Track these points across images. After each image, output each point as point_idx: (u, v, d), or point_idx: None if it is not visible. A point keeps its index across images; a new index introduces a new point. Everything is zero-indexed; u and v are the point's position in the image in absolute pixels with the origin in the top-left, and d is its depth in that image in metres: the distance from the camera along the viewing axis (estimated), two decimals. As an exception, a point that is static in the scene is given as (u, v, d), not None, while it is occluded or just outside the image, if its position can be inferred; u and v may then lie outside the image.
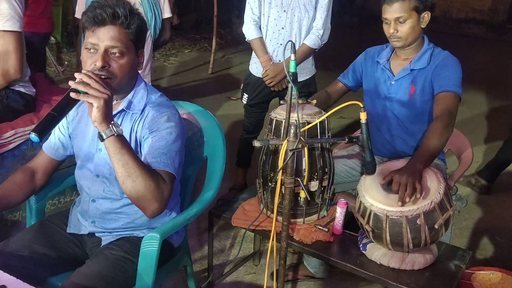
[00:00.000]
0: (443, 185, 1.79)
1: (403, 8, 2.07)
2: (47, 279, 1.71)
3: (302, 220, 2.04)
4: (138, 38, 1.63)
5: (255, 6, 2.90)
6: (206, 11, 9.35)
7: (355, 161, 2.39)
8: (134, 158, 1.50)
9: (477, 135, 4.73)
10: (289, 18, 2.83)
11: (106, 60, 1.54)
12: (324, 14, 2.84)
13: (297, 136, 1.60)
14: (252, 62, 3.08)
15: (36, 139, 1.37)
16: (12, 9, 2.21)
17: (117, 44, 1.55)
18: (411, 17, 2.09)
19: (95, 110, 1.43)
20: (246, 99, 3.13)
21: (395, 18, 2.09)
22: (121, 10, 1.55)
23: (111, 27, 1.55)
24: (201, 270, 2.57)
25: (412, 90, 2.20)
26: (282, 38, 2.87)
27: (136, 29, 1.60)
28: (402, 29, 2.11)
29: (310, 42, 2.86)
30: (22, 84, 2.40)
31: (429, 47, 2.20)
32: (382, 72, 2.29)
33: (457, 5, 11.28)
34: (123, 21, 1.56)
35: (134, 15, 1.60)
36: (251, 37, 2.93)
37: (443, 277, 1.81)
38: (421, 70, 2.17)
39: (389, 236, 1.77)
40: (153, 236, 1.65)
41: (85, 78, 1.43)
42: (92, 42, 1.55)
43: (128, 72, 1.61)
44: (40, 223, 1.83)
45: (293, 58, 1.66)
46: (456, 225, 3.05)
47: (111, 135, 1.46)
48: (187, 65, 7.17)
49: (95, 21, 1.54)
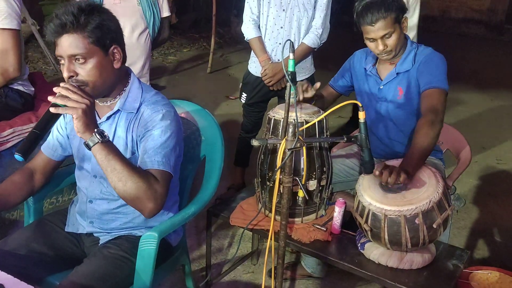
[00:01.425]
0: (441, 185, 1.79)
1: (387, 25, 2.05)
2: (45, 278, 1.71)
3: (300, 220, 2.04)
4: (101, 37, 1.55)
5: (254, 6, 2.90)
6: (205, 10, 9.35)
7: (353, 160, 2.40)
8: (122, 162, 1.50)
9: (475, 135, 4.74)
10: (288, 18, 2.83)
11: (71, 69, 1.53)
12: (323, 13, 2.84)
13: (295, 135, 1.60)
14: (251, 61, 3.08)
15: (20, 159, 1.39)
16: (10, 7, 2.20)
17: (76, 51, 1.51)
18: (395, 29, 2.08)
19: (75, 121, 1.44)
20: (245, 99, 3.12)
21: (381, 36, 2.08)
22: (65, 17, 1.50)
23: (65, 36, 1.52)
24: (199, 269, 2.57)
25: (401, 92, 2.19)
26: (281, 37, 2.87)
27: (93, 29, 1.53)
28: (390, 42, 2.10)
29: (309, 41, 2.86)
30: (21, 83, 2.40)
31: (412, 47, 2.19)
32: (370, 78, 2.29)
33: (455, 5, 11.31)
34: (71, 27, 1.50)
35: (84, 16, 1.51)
36: (250, 37, 2.93)
37: (441, 276, 1.81)
38: (407, 71, 2.17)
39: (387, 235, 1.77)
40: (151, 235, 1.65)
41: (63, 91, 1.44)
42: (58, 55, 1.55)
43: (99, 76, 1.56)
44: (38, 222, 1.83)
45: (291, 57, 1.66)
46: (454, 225, 3.05)
47: (97, 142, 1.47)
48: (185, 64, 7.17)
49: (51, 34, 1.53)
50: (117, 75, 1.65)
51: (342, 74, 2.45)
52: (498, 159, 4.28)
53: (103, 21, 1.56)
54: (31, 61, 6.35)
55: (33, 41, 6.59)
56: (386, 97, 2.24)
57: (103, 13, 1.58)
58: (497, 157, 4.33)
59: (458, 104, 5.60)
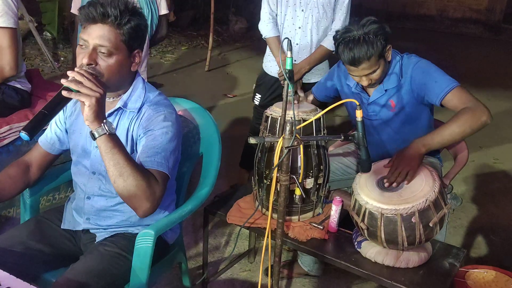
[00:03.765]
0: (438, 184, 1.79)
1: (371, 65, 1.97)
2: (41, 275, 1.71)
3: (297, 218, 2.05)
4: (132, 39, 1.59)
5: (273, 3, 2.78)
6: (203, 8, 9.34)
7: (350, 159, 2.40)
8: (126, 157, 1.49)
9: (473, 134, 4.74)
10: (307, 18, 2.73)
11: (93, 57, 1.53)
12: (343, 16, 2.72)
13: (292, 134, 1.60)
14: (266, 61, 2.98)
15: (26, 138, 1.36)
16: (6, 5, 2.19)
17: (105, 43, 1.53)
18: (379, 65, 2.00)
19: (86, 108, 1.42)
20: (259, 100, 3.02)
21: (365, 74, 2.01)
22: (112, 10, 1.53)
23: (100, 26, 1.54)
24: (196, 267, 2.58)
25: (393, 105, 2.13)
26: (299, 38, 2.77)
27: (130, 29, 1.57)
28: (374, 77, 2.03)
29: (328, 44, 2.72)
30: (18, 80, 2.40)
31: (396, 61, 2.10)
32: (356, 94, 2.21)
33: (453, 5, 11.32)
34: (113, 21, 1.53)
35: (127, 15, 1.55)
36: (268, 35, 2.81)
37: (438, 275, 1.81)
38: (395, 86, 2.11)
39: (383, 234, 1.77)
40: (148, 233, 1.64)
41: (77, 76, 1.42)
42: (83, 39, 1.55)
43: (116, 73, 1.58)
44: (34, 219, 1.82)
45: (289, 56, 1.66)
46: (451, 224, 3.06)
47: (103, 134, 1.45)
48: (183, 62, 7.16)
49: (87, 18, 1.54)
50: (130, 77, 1.68)
51: (325, 83, 2.38)
52: (495, 159, 4.29)
53: (139, 26, 1.60)
54: (28, 58, 6.33)
55: (30, 38, 6.58)
56: (377, 112, 2.18)
57: (142, 19, 1.63)
58: (494, 156, 4.34)
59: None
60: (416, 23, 11.25)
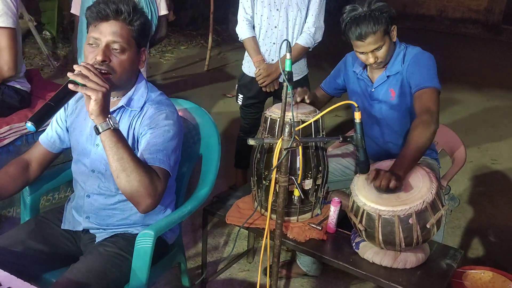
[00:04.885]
0: (435, 185, 1.80)
1: (376, 40, 2.04)
2: (41, 275, 1.71)
3: (295, 218, 2.05)
4: (141, 36, 1.64)
5: (247, 6, 2.88)
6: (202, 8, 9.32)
7: (349, 160, 2.41)
8: (129, 152, 1.50)
9: (471, 135, 4.76)
10: (282, 17, 2.82)
11: (107, 54, 1.55)
12: (315, 12, 2.82)
13: (291, 135, 1.61)
14: (245, 62, 3.07)
15: (32, 128, 1.36)
16: (5, 5, 2.20)
17: (118, 39, 1.56)
18: (385, 41, 2.07)
19: (92, 103, 1.43)
20: (241, 100, 3.11)
21: (371, 50, 2.08)
22: (124, 7, 1.57)
23: (113, 23, 1.57)
24: (195, 267, 2.59)
25: (393, 94, 2.19)
26: (275, 37, 2.86)
27: (139, 26, 1.61)
28: (380, 54, 2.10)
29: (302, 41, 2.84)
30: (17, 80, 2.40)
31: (400, 49, 2.18)
32: (361, 81, 2.29)
33: (453, 5, 11.34)
34: (126, 17, 1.58)
35: (138, 13, 1.61)
36: (243, 37, 2.92)
37: (435, 276, 1.82)
38: (398, 73, 2.17)
39: (381, 235, 1.78)
40: (147, 233, 1.65)
41: (84, 71, 1.44)
42: (95, 37, 1.57)
43: (128, 69, 1.62)
44: (34, 219, 1.83)
45: (288, 57, 1.67)
46: (448, 224, 3.07)
47: (107, 128, 1.46)
48: (183, 61, 7.16)
49: (99, 16, 1.56)
50: (136, 75, 1.71)
51: (334, 76, 2.44)
52: (493, 159, 4.30)
53: (146, 23, 1.66)
54: (27, 58, 6.32)
55: (30, 37, 6.57)
56: (378, 99, 2.24)
57: (146, 17, 1.68)
58: (492, 157, 4.35)
59: (453, 104, 5.62)
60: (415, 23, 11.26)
